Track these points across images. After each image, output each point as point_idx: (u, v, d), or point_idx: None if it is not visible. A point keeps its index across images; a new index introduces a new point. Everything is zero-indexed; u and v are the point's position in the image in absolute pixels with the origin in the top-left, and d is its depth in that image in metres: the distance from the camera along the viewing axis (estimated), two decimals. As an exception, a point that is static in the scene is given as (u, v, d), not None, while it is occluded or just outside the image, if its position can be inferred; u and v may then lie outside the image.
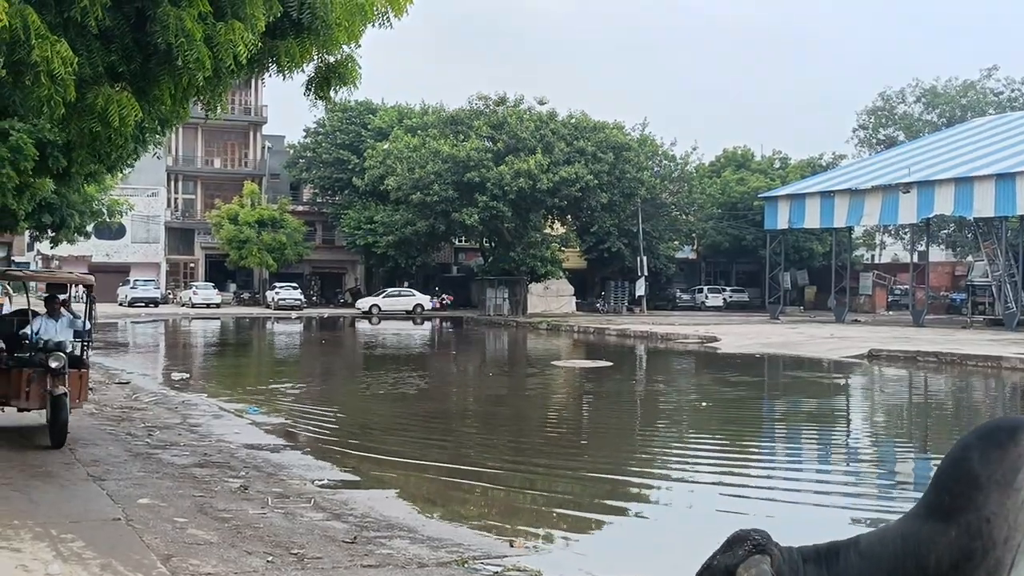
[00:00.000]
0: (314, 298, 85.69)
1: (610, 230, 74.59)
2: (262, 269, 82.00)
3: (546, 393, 28.68)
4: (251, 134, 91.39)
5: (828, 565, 4.08)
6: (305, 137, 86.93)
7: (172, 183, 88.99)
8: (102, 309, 68.89)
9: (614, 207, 73.48)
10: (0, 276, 18.02)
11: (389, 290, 77.80)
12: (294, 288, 78.74)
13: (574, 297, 78.39)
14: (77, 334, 15.24)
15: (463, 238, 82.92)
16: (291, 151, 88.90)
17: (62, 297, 15.75)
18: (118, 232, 76.54)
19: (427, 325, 65.70)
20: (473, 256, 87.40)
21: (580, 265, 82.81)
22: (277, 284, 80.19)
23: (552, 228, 77.85)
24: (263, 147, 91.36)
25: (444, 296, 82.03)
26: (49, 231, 36.84)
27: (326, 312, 76.11)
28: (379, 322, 66.85)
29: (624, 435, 20.08)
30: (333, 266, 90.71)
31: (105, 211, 41.59)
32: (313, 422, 19.89)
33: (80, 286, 16.85)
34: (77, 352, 15.34)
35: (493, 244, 76.84)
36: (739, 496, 13.39)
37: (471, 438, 18.92)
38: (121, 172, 29.95)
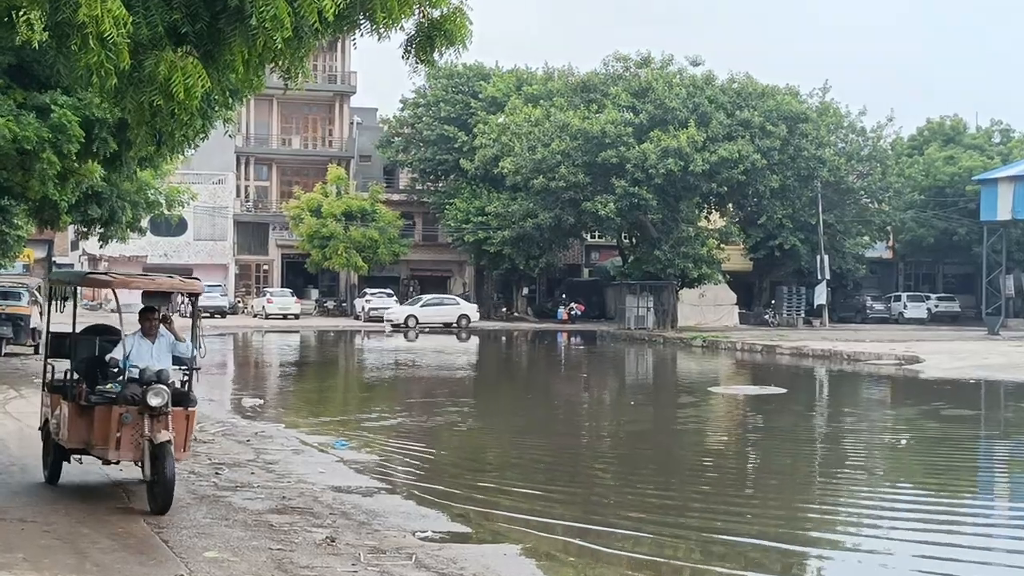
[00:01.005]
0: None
1: (782, 222, 73.66)
2: (350, 272, 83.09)
3: (701, 429, 28.42)
4: (337, 107, 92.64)
5: None
6: (402, 110, 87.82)
7: (242, 168, 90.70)
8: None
9: (787, 193, 72.66)
10: (83, 281, 16.23)
11: (426, 297, 78.16)
12: (388, 295, 79.55)
13: (736, 307, 77.73)
14: (177, 360, 14.33)
15: (596, 233, 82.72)
16: (385, 127, 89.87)
17: (162, 310, 14.61)
18: (178, 228, 78.23)
19: (473, 341, 65.17)
20: (609, 255, 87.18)
21: (744, 267, 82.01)
22: (368, 290, 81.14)
23: (709, 220, 77.31)
24: (351, 123, 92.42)
25: (573, 305, 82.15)
26: (97, 226, 37.89)
27: (428, 325, 76.53)
28: (416, 337, 66.65)
29: (800, 485, 19.78)
30: (436, 268, 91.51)
31: (163, 202, 42.60)
32: (413, 460, 20.02)
33: (184, 295, 15.80)
34: (178, 383, 14.25)
35: (634, 240, 76.52)
36: (948, 573, 13.13)
37: (607, 485, 18.82)
38: (182, 155, 30.66)
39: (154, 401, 12.88)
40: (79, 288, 16.29)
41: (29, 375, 30.79)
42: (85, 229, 39.28)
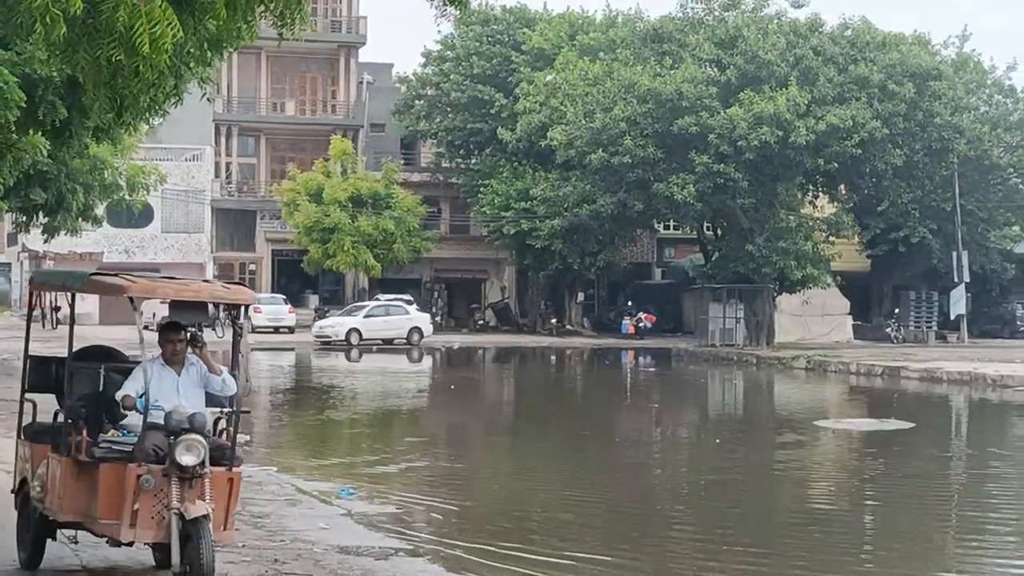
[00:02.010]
0: (438, 318, 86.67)
1: (908, 209, 73.30)
2: (358, 274, 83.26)
3: (805, 476, 28.35)
4: (342, 63, 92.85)
5: None
6: (424, 66, 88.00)
7: (223, 141, 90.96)
8: (113, 333, 70.49)
9: (915, 172, 72.38)
10: (84, 285, 13.34)
11: (371, 305, 77.00)
12: (408, 303, 79.54)
13: (850, 317, 77.52)
14: (212, 398, 12.72)
15: (671, 223, 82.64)
16: (403, 89, 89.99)
17: (191, 326, 12.93)
18: (142, 217, 78.27)
19: (427, 362, 64.79)
20: (687, 252, 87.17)
21: (860, 266, 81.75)
22: (380, 296, 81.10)
23: (815, 207, 77.17)
24: (360, 83, 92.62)
25: (641, 316, 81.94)
26: (40, 215, 38.17)
27: (456, 341, 76.62)
28: (360, 357, 66.18)
29: (932, 553, 19.69)
30: (467, 269, 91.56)
31: (123, 185, 42.92)
32: (438, 513, 20.06)
33: (222, 306, 13.28)
34: (212, 429, 12.73)
35: (719, 233, 76.48)
36: None
37: (683, 550, 18.80)
38: (148, 125, 30.79)
39: (186, 459, 11.43)
40: (75, 296, 13.70)
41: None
42: (25, 219, 39.54)
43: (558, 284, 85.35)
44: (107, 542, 12.59)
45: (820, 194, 76.60)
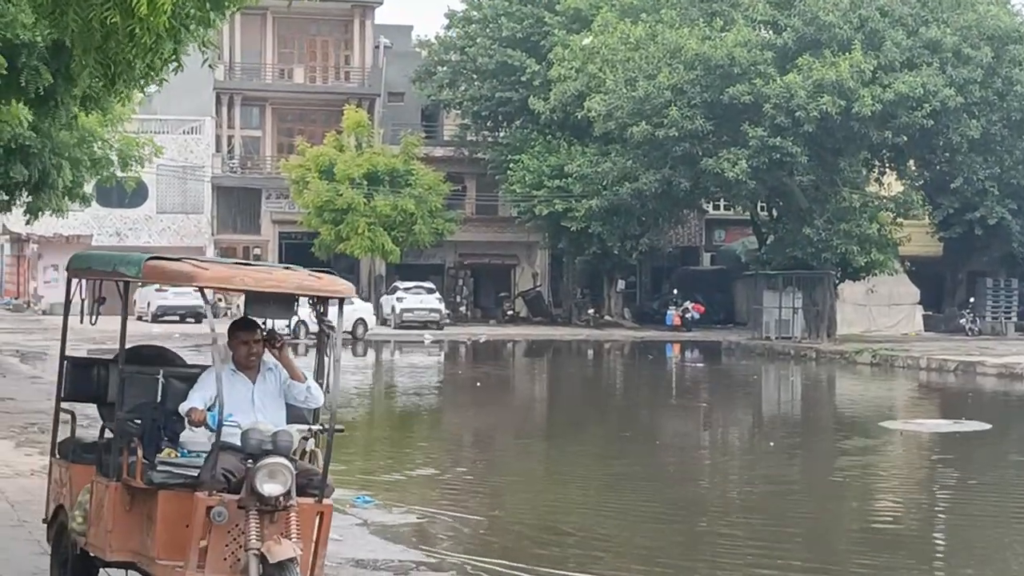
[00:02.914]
0: (463, 307, 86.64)
1: (986, 187, 73.11)
2: (375, 259, 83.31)
3: (869, 484, 28.37)
4: (356, 25, 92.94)
5: None
6: (448, 28, 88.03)
7: (224, 111, 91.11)
8: (102, 325, 70.27)
9: (993, 146, 72.18)
10: (141, 272, 11.26)
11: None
12: (429, 291, 79.57)
13: (920, 306, 77.41)
14: (294, 412, 11.35)
15: (721, 202, 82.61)
16: (424, 53, 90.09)
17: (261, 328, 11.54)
18: (136, 196, 78.36)
19: (448, 355, 65.03)
20: (739, 235, 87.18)
21: (931, 250, 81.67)
22: (400, 284, 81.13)
23: (881, 184, 77.08)
24: (376, 47, 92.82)
25: (688, 305, 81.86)
26: (22, 193, 38.34)
27: (482, 333, 76.57)
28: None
29: (1008, 572, 19.69)
30: (495, 253, 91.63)
31: (115, 159, 43.05)
32: (464, 524, 20.11)
33: (314, 300, 11.61)
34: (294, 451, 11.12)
35: (775, 214, 76.45)
36: None
37: (735, 566, 18.83)
38: (142, 93, 30.90)
39: (269, 487, 9.94)
40: (127, 285, 11.85)
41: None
42: (6, 198, 39.72)
43: (596, 271, 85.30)
44: None
45: (887, 171, 76.59)
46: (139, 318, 74.22)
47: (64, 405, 12.55)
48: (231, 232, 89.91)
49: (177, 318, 75.29)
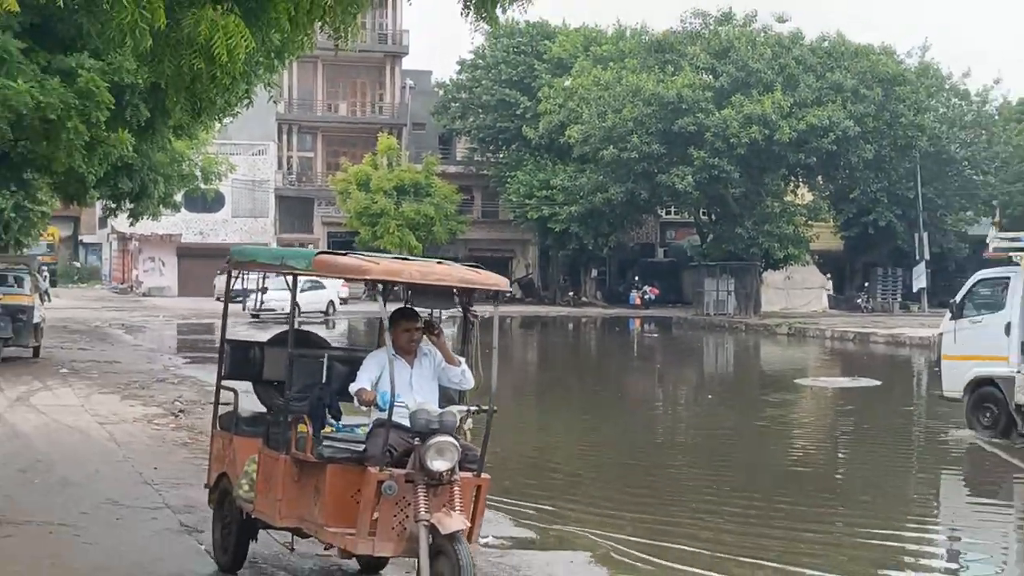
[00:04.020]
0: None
1: (877, 197, 73.26)
2: (403, 252, 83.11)
3: (787, 425, 28.37)
4: (388, 70, 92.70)
5: None
6: (459, 73, 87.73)
7: (284, 137, 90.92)
8: (189, 304, 70.51)
9: (883, 164, 72.15)
10: (311, 265, 10.15)
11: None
12: None
13: (826, 290, 77.36)
14: (443, 392, 10.31)
15: (672, 209, 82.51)
16: (440, 92, 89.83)
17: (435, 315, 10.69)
18: (215, 203, 78.59)
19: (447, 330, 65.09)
20: (686, 234, 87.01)
21: (834, 246, 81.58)
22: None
23: (796, 195, 76.91)
24: (403, 87, 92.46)
25: (646, 289, 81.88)
26: (127, 201, 38.18)
27: (486, 310, 76.11)
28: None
29: (891, 492, 19.67)
30: (496, 248, 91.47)
31: (198, 175, 42.95)
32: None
33: (464, 293, 10.35)
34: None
35: (714, 217, 76.25)
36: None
37: (682, 490, 18.82)
38: (220, 123, 30.81)
39: (438, 463, 9.03)
40: (296, 277, 10.75)
41: (55, 364, 31.04)
42: (114, 205, 39.56)
43: (575, 262, 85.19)
44: (341, 552, 10.01)
45: (801, 184, 76.39)
46: (217, 299, 73.71)
47: (228, 383, 11.59)
48: (289, 232, 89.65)
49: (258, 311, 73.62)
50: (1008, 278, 22.76)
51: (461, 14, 12.05)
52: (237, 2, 10.41)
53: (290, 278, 10.78)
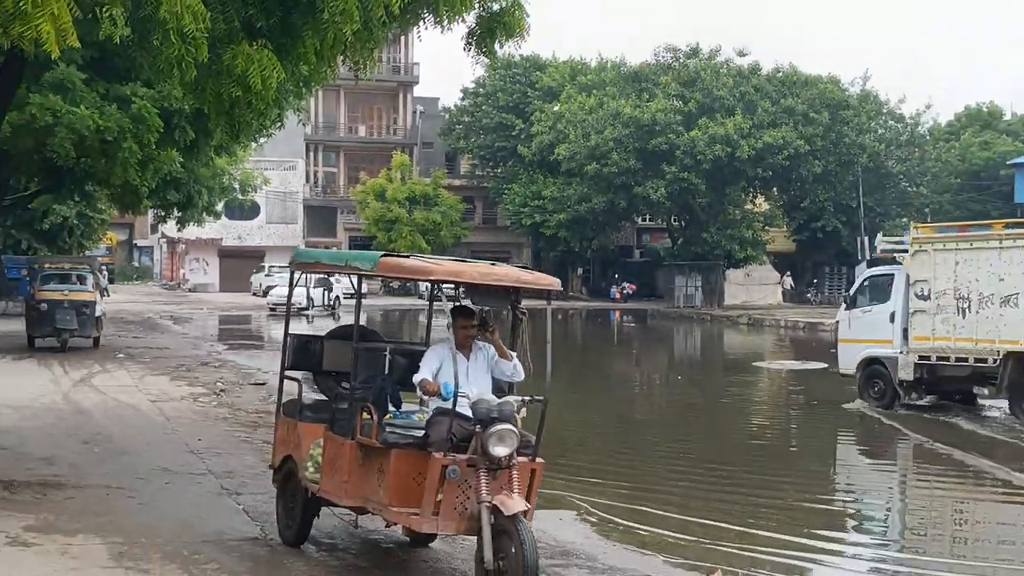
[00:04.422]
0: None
1: (824, 206, 73.34)
2: (413, 253, 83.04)
3: (746, 402, 28.50)
4: (401, 97, 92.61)
5: None
6: (462, 99, 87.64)
7: (311, 155, 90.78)
8: (229, 298, 70.57)
9: (829, 178, 72.16)
10: (376, 267, 9.46)
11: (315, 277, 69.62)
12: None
13: (780, 286, 77.43)
14: (494, 383, 9.73)
15: (647, 216, 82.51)
16: (446, 116, 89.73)
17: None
18: (251, 211, 78.35)
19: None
20: (659, 238, 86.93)
21: (788, 248, 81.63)
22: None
23: (754, 204, 76.91)
24: (414, 112, 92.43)
25: (625, 285, 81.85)
26: (175, 210, 38.26)
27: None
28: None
29: (839, 453, 19.76)
30: (495, 250, 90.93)
31: (237, 187, 43.01)
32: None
33: (511, 289, 9.83)
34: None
35: (683, 223, 76.26)
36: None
37: (657, 454, 18.90)
38: (256, 143, 30.87)
39: (499, 449, 8.54)
40: (361, 278, 10.08)
41: (113, 350, 31.08)
42: (164, 213, 39.68)
43: (563, 262, 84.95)
44: (406, 533, 9.94)
45: (758, 195, 76.43)
46: (253, 294, 73.82)
47: (290, 373, 11.00)
48: (316, 237, 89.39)
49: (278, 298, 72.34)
50: (892, 275, 24.00)
51: (464, 49, 12.14)
52: (270, 38, 10.46)
53: (335, 278, 10.71)
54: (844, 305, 25.87)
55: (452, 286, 10.15)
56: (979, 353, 22.20)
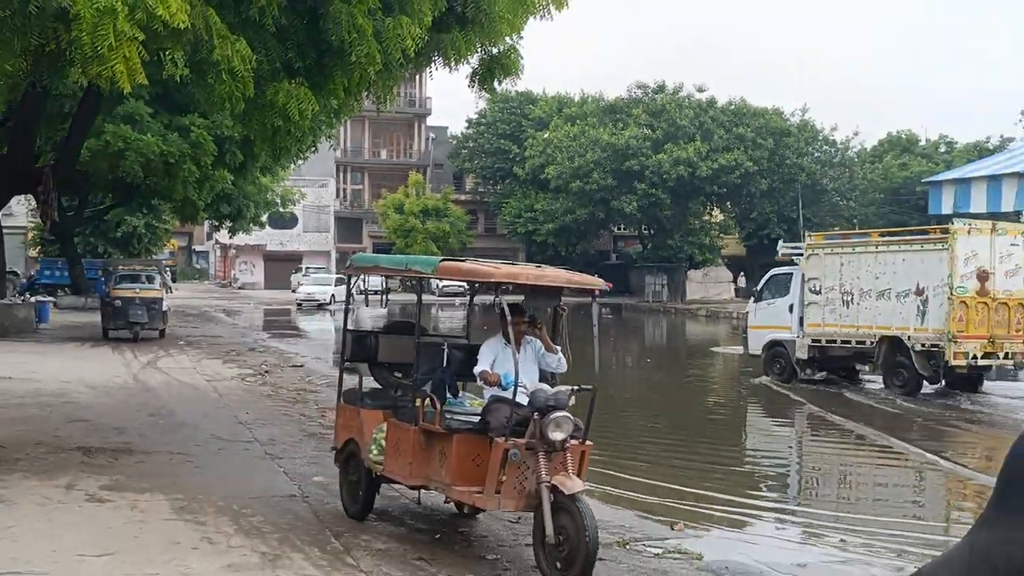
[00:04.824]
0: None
1: (769, 216, 73.40)
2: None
3: (706, 381, 28.52)
4: (416, 126, 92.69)
5: None
6: (467, 128, 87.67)
7: (341, 174, 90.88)
8: (272, 295, 70.68)
9: (774, 193, 72.25)
10: (437, 269, 8.99)
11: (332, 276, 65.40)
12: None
13: (733, 284, 77.51)
14: (540, 374, 9.23)
15: (622, 226, 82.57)
16: (454, 141, 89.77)
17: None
18: (290, 221, 78.51)
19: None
20: (632, 243, 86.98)
21: (739, 252, 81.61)
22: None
23: (711, 215, 76.99)
24: (427, 138, 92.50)
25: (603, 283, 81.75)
26: (227, 221, 38.30)
27: (486, 299, 76.10)
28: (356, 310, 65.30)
29: (785, 423, 19.76)
30: (495, 254, 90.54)
31: (278, 201, 43.02)
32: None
33: (559, 293, 9.45)
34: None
35: (651, 231, 76.33)
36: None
37: (624, 425, 18.89)
38: (294, 164, 30.89)
39: (557, 434, 8.07)
40: (421, 280, 9.66)
41: (175, 338, 31.06)
42: (217, 223, 39.70)
43: (551, 264, 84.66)
44: (461, 509, 9.42)
45: (714, 207, 76.50)
46: (292, 291, 73.37)
47: (349, 365, 10.49)
48: (345, 243, 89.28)
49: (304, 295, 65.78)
50: (791, 273, 25.12)
51: (469, 86, 12.15)
52: (306, 77, 10.46)
53: (370, 280, 10.30)
54: (753, 299, 26.81)
55: (465, 285, 9.71)
56: (860, 336, 23.31)
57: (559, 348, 9.16)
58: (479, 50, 11.67)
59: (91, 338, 29.70)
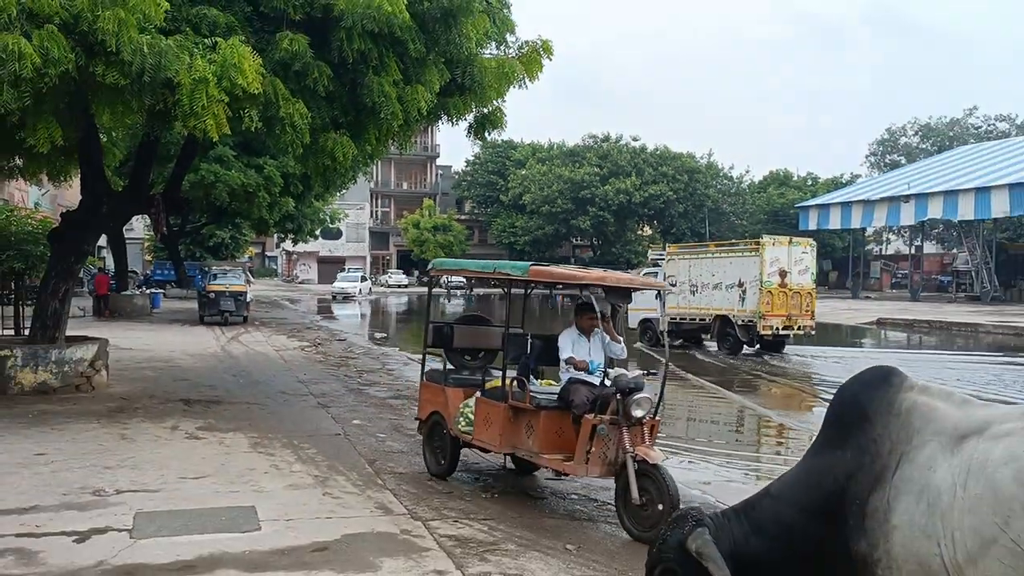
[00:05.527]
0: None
1: (684, 231, 73.53)
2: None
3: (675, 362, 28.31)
4: (428, 165, 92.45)
5: (747, 515, 3.89)
6: (466, 166, 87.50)
7: (373, 200, 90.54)
8: (324, 288, 70.43)
9: (688, 215, 72.42)
10: (523, 275, 7.90)
11: (358, 274, 62.59)
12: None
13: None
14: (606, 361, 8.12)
15: (578, 238, 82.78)
16: (456, 176, 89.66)
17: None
18: (336, 234, 78.25)
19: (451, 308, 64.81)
20: (586, 251, 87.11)
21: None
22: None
23: (642, 231, 77.09)
24: (437, 174, 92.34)
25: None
26: (290, 234, 38.12)
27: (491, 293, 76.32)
28: (373, 302, 56.12)
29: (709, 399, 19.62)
30: (486, 259, 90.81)
31: (328, 219, 42.75)
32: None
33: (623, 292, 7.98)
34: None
35: (600, 242, 76.43)
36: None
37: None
38: (339, 192, 30.74)
39: (638, 412, 7.17)
40: (511, 283, 8.20)
41: (253, 320, 30.88)
42: (283, 236, 39.44)
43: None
44: (555, 473, 7.90)
45: (645, 225, 76.64)
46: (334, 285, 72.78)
47: (430, 350, 9.23)
48: (376, 250, 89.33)
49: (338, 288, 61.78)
50: (657, 271, 25.90)
51: (466, 136, 12.14)
52: (347, 129, 10.44)
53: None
54: None
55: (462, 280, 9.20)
56: (702, 315, 24.38)
57: (621, 338, 8.13)
58: (474, 110, 11.69)
59: (190, 321, 29.52)
